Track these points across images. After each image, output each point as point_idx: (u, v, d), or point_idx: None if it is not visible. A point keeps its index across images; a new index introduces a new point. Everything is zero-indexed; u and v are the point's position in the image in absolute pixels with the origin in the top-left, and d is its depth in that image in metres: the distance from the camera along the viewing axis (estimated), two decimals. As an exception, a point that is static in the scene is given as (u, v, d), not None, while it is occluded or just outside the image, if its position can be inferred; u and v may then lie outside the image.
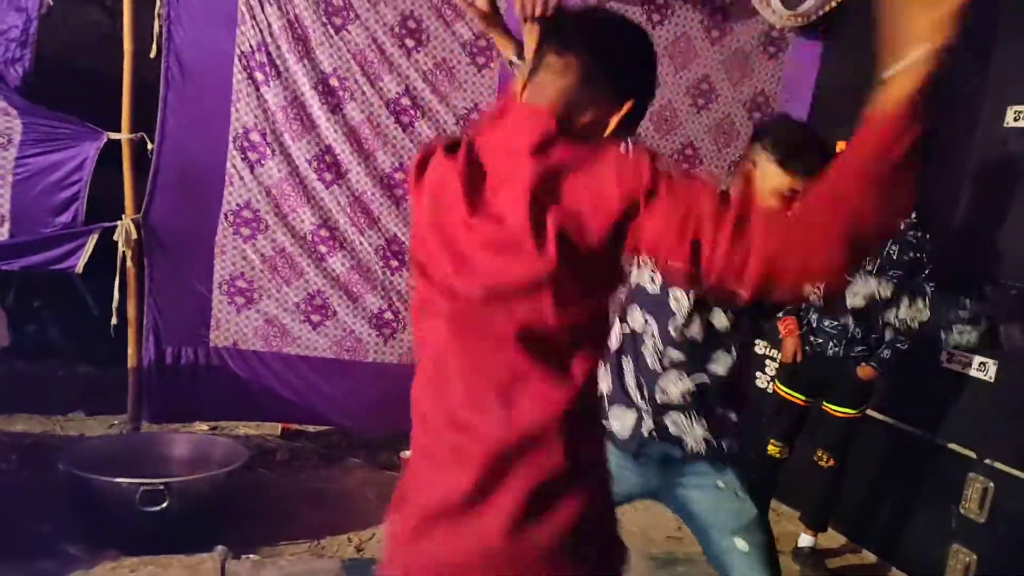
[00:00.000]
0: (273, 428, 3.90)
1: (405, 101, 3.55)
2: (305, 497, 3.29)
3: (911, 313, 2.78)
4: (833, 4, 3.75)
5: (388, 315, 3.65)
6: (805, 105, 3.93)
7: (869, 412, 3.14)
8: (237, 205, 3.43)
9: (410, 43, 3.51)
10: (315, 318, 3.56)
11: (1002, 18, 3.04)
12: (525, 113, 1.16)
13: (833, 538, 3.38)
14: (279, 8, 3.34)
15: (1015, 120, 2.94)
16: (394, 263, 3.62)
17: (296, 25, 3.37)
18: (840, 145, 3.58)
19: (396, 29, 3.48)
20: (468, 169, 1.14)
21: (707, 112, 3.94)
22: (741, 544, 1.84)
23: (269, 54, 3.36)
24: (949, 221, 3.11)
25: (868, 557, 3.29)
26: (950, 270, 2.90)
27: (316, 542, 2.96)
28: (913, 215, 2.90)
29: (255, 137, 3.41)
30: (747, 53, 3.93)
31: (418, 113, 3.57)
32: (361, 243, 3.56)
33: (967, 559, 2.82)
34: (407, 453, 3.72)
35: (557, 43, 1.18)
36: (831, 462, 3.10)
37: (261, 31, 3.34)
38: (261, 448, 3.69)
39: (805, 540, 3.21)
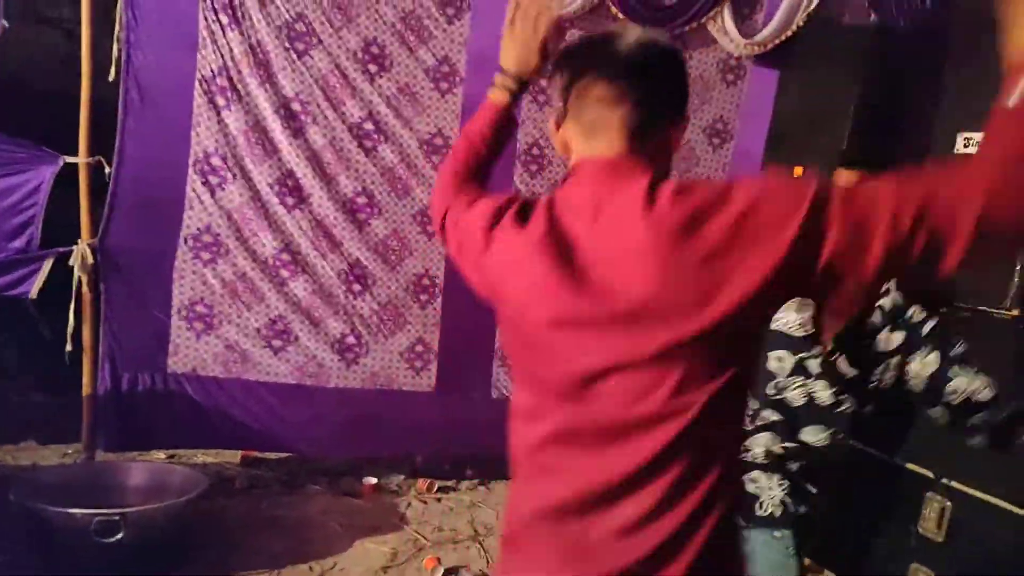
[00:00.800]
0: (232, 456, 3.84)
1: (368, 126, 3.55)
2: (265, 526, 3.23)
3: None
4: (788, 33, 3.84)
5: (350, 339, 3.62)
6: (763, 131, 4.00)
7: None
8: (197, 229, 3.40)
9: (373, 68, 3.52)
10: (276, 343, 3.52)
11: (951, 45, 3.13)
12: (609, 167, 1.08)
13: (796, 559, 3.39)
14: (241, 33, 3.33)
15: (964, 147, 3.01)
16: (356, 287, 3.60)
17: (258, 50, 3.36)
18: (797, 170, 3.65)
19: (359, 54, 3.49)
20: (556, 245, 1.08)
21: (668, 138, 4.00)
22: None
23: (230, 78, 3.35)
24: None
25: (830, 578, 3.32)
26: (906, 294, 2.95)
27: (276, 572, 2.91)
28: None
29: (216, 161, 3.38)
30: (706, 80, 4.01)
31: (381, 138, 3.57)
32: (323, 267, 3.54)
33: (926, 578, 2.85)
34: (371, 479, 3.68)
35: (602, 72, 1.09)
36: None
37: (222, 55, 3.33)
38: (220, 476, 3.62)
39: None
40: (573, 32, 3.73)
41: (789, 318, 1.96)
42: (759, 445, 1.89)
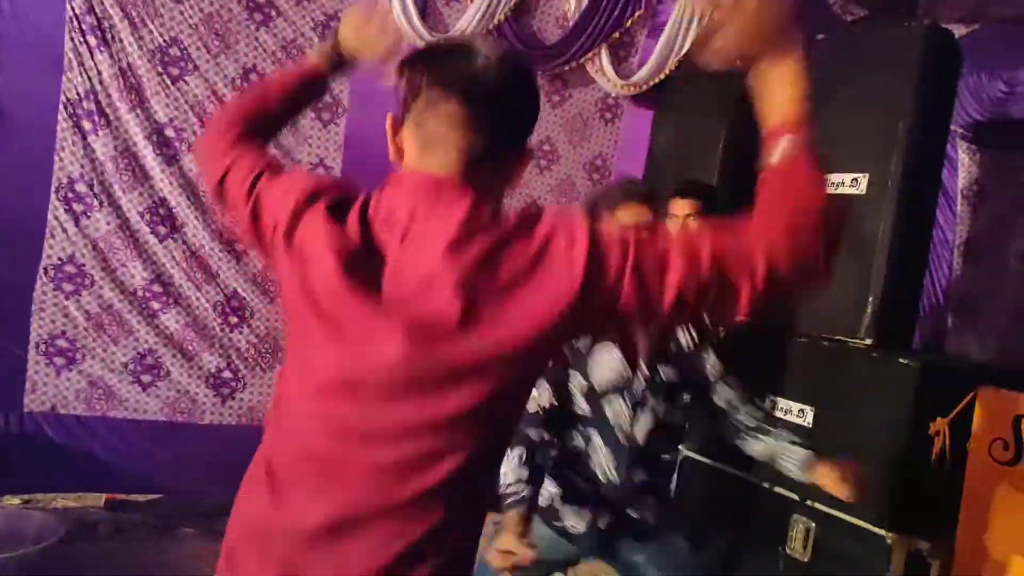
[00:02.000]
0: (96, 499, 3.61)
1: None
2: (132, 572, 3.05)
3: None
4: (662, 76, 4.02)
5: (227, 374, 3.49)
6: (639, 167, 4.16)
7: (698, 456, 3.30)
8: (59, 259, 3.21)
9: (252, 96, 3.45)
10: (145, 378, 3.36)
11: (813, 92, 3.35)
12: (435, 186, 1.03)
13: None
14: (111, 55, 3.20)
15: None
16: (233, 319, 3.49)
17: (129, 73, 3.24)
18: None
19: (237, 82, 3.42)
20: (359, 244, 1.03)
21: (549, 172, 4.09)
22: None
23: (98, 102, 3.21)
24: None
25: (706, 600, 3.41)
26: (766, 323, 3.11)
27: (142, 621, 2.75)
28: None
29: (81, 188, 3.22)
30: (585, 118, 4.13)
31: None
32: (198, 299, 3.41)
33: (794, 596, 2.98)
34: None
35: (454, 90, 1.02)
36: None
37: (90, 78, 3.18)
38: (82, 521, 3.39)
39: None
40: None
41: (613, 365, 2.09)
42: (635, 488, 2.13)
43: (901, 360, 2.75)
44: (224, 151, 1.26)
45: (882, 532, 2.68)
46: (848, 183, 3.14)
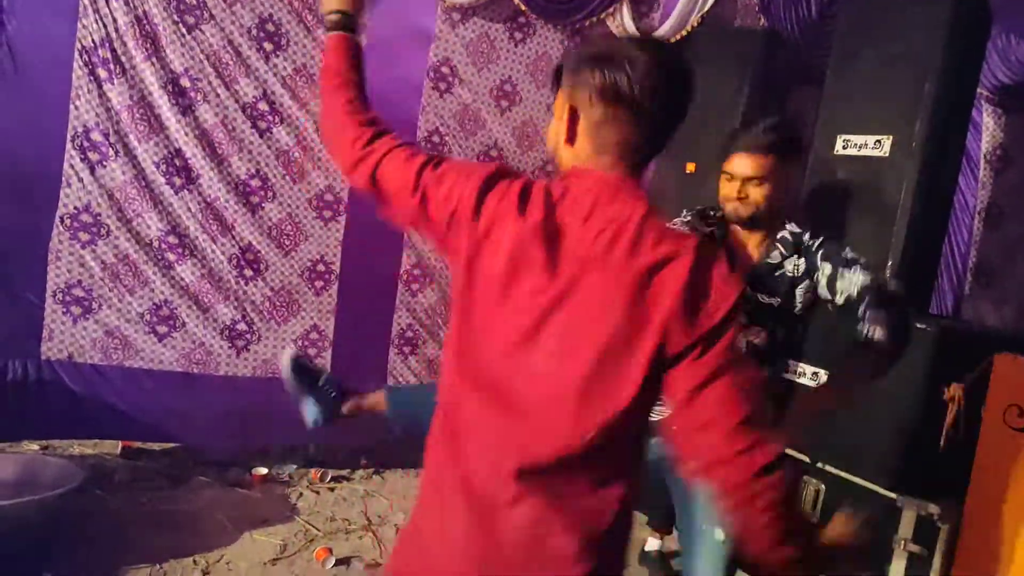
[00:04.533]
0: (112, 447, 3.66)
1: (263, 106, 3.44)
2: (147, 519, 3.10)
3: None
4: (683, 33, 3.94)
5: (241, 326, 3.51)
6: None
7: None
8: (75, 208, 3.21)
9: (268, 47, 3.42)
10: (161, 329, 3.38)
11: (834, 53, 3.29)
12: (613, 186, 1.19)
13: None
14: (126, 3, 3.16)
15: (843, 148, 3.17)
16: (248, 272, 3.49)
17: (144, 21, 3.21)
18: (690, 167, 3.77)
19: (253, 31, 3.38)
20: (547, 237, 1.17)
21: (567, 130, 4.04)
22: (719, 535, 2.02)
23: (114, 50, 3.18)
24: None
25: (713, 559, 3.45)
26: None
27: (158, 566, 2.79)
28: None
29: (96, 137, 3.20)
30: (605, 75, 4.07)
31: (276, 119, 3.47)
32: (213, 251, 3.41)
33: (801, 557, 3.00)
34: (261, 470, 3.58)
35: (630, 106, 1.17)
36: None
37: (105, 26, 3.15)
38: (98, 468, 3.45)
39: (652, 544, 3.32)
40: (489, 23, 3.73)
41: None
42: None
43: (918, 325, 2.73)
44: (361, 146, 1.36)
45: (892, 495, 2.69)
46: (871, 145, 3.09)
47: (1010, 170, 4.08)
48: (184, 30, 3.27)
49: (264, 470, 3.60)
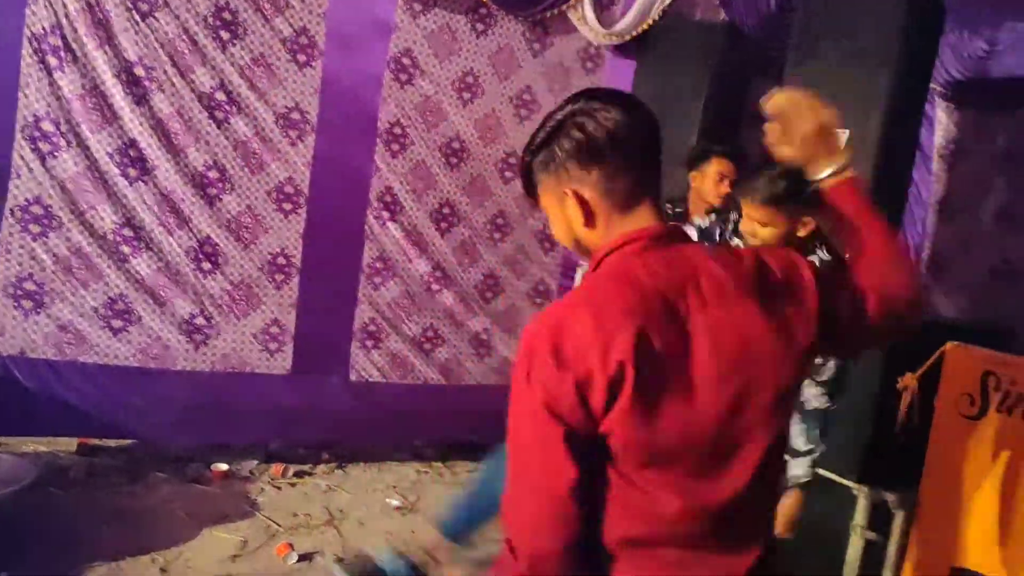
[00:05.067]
0: (68, 444, 3.58)
1: (220, 96, 3.38)
2: (103, 517, 3.04)
3: None
4: (645, 26, 3.96)
5: (200, 320, 3.45)
6: (620, 119, 4.12)
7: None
8: (26, 200, 3.13)
9: (225, 35, 3.36)
10: (116, 323, 3.31)
11: (793, 46, 3.33)
12: (667, 235, 1.17)
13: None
14: (76, -12, 3.09)
15: (802, 141, 3.21)
16: (206, 265, 3.44)
17: (96, 8, 3.13)
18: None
19: (210, 20, 3.31)
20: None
21: (529, 122, 4.04)
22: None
23: (64, 37, 3.10)
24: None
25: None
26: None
27: (115, 564, 2.74)
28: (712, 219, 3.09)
29: (47, 127, 3.12)
30: (566, 67, 4.07)
31: (234, 109, 3.42)
32: (170, 244, 3.35)
33: (760, 545, 3.05)
34: (221, 466, 3.53)
35: (630, 156, 1.16)
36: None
37: (55, 12, 3.07)
38: (53, 465, 3.37)
39: None
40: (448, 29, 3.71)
41: None
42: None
43: (874, 316, 2.77)
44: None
45: (849, 483, 2.74)
46: (828, 139, 3.14)
47: (962, 164, 4.17)
48: (138, 17, 3.20)
49: (224, 466, 3.55)
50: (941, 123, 4.19)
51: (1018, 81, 3.79)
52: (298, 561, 2.92)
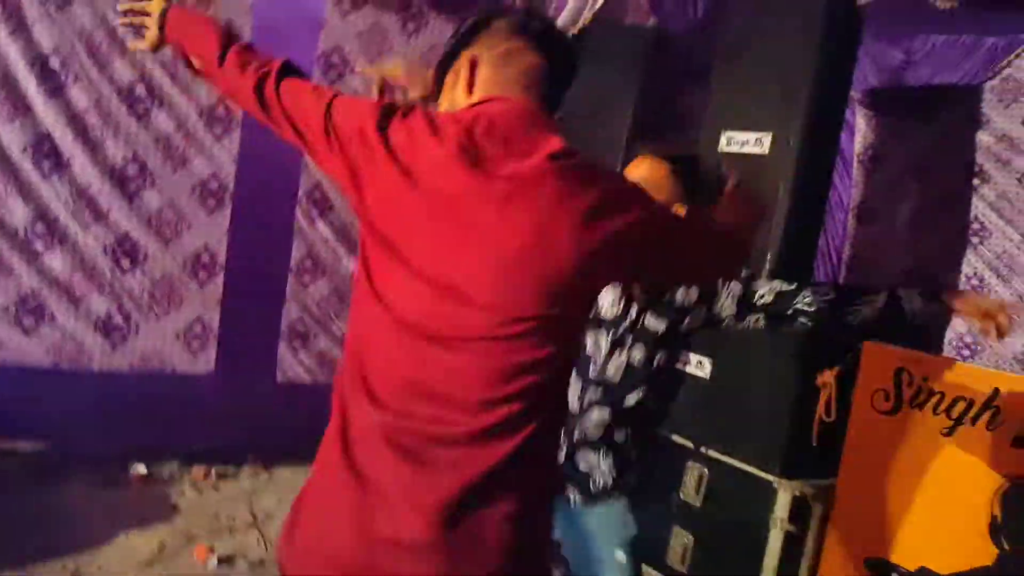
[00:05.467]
0: (-24, 447, 3.42)
1: (140, 89, 3.29)
2: (13, 522, 2.91)
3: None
4: (575, 29, 3.99)
5: (117, 319, 3.35)
6: (552, 121, 4.14)
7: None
8: (-70, 193, 3.00)
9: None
10: (28, 322, 3.19)
11: (720, 51, 3.40)
12: (527, 109, 1.23)
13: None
14: (-14, -26, 2.97)
15: (727, 145, 3.28)
16: (125, 263, 3.34)
17: (8, -3, 3.01)
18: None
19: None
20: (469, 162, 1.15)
21: (461, 122, 4.02)
22: (620, 556, 1.95)
23: (-28, 25, 2.97)
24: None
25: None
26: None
27: (24, 570, 2.63)
28: None
29: (-46, 117, 2.99)
30: (499, 67, 4.08)
31: (155, 103, 3.33)
32: (85, 240, 3.24)
33: (685, 540, 3.08)
34: (139, 468, 3.43)
35: (532, 40, 1.26)
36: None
37: (-37, -2, 2.95)
38: (-40, 471, 3.23)
39: None
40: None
41: (604, 300, 2.04)
42: (591, 422, 1.96)
43: (794, 314, 2.84)
44: (263, 69, 1.32)
45: (769, 477, 2.80)
46: (752, 142, 3.20)
47: (880, 170, 4.31)
48: (53, 8, 3.09)
49: (143, 468, 3.45)
50: (860, 130, 4.33)
51: (933, 90, 3.94)
52: (218, 565, 2.84)
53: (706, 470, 3.06)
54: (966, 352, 3.86)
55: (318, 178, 3.71)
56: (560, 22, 3.95)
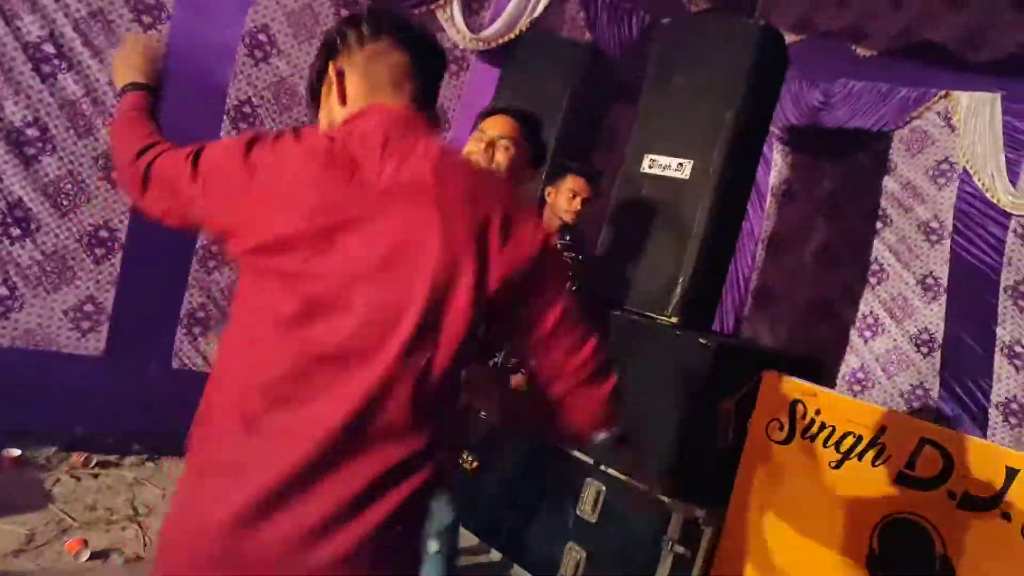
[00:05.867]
0: None
1: (48, 48, 3.09)
2: None
3: None
4: (512, 35, 3.98)
5: (2, 290, 3.14)
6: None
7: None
8: None
9: (61, -16, 3.08)
10: (-101, 287, 2.95)
11: (649, 76, 3.44)
12: (402, 116, 1.24)
13: (466, 538, 3.53)
14: None
15: (649, 167, 3.32)
16: (15, 231, 3.13)
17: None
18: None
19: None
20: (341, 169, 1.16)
21: (387, 117, 3.95)
22: (432, 545, 1.88)
23: None
24: (593, 250, 3.44)
25: (495, 556, 3.49)
26: (591, 295, 3.19)
27: None
28: (567, 238, 3.14)
29: None
30: (430, 66, 4.03)
31: (64, 65, 3.14)
32: (-28, 204, 3.03)
33: (578, 556, 3.10)
34: (13, 451, 3.22)
35: (398, 39, 1.27)
36: (475, 464, 3.23)
37: None
38: None
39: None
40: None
41: None
42: None
43: (700, 340, 2.90)
44: (149, 142, 1.36)
45: (664, 499, 2.84)
46: (674, 167, 3.25)
47: (792, 204, 4.46)
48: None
49: (16, 451, 3.23)
50: (776, 164, 4.47)
51: (847, 133, 4.10)
52: (90, 559, 2.69)
53: (604, 487, 3.08)
54: (858, 387, 4.03)
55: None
56: (497, 27, 3.94)
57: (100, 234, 3.32)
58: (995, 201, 3.56)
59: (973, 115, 3.66)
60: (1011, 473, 2.24)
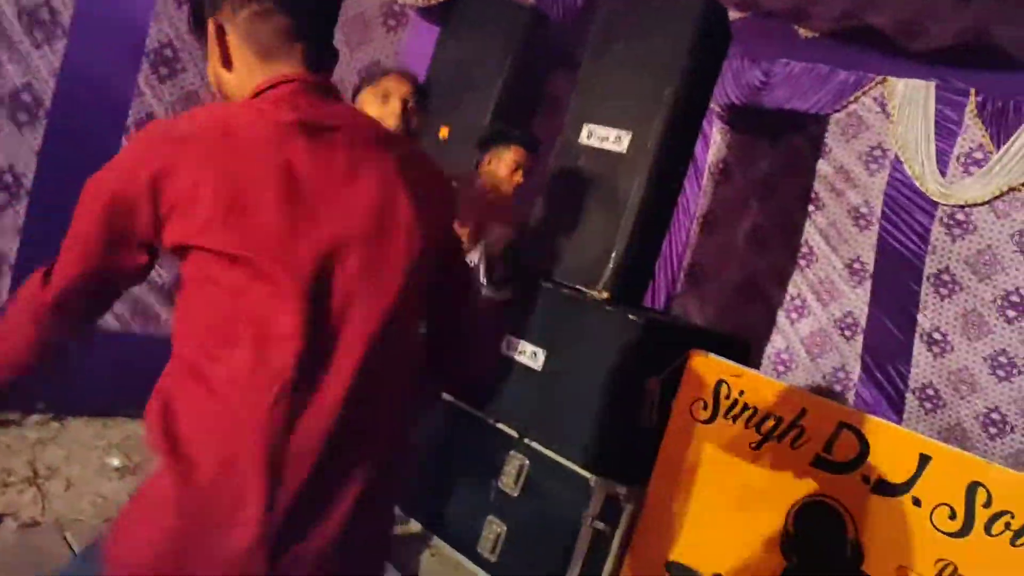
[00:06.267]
0: None
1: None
2: None
3: None
4: (455, -7, 3.85)
5: None
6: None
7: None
8: None
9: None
10: None
11: (590, 44, 3.36)
12: (312, 83, 1.20)
13: (387, 509, 3.47)
14: None
15: (588, 138, 3.25)
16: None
17: None
18: (443, 131, 3.68)
19: None
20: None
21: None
22: None
23: None
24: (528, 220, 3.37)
25: (415, 527, 3.45)
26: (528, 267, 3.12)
27: None
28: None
29: None
30: (367, 20, 3.87)
31: None
32: None
33: (499, 529, 3.07)
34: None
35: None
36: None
37: None
38: None
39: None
40: None
41: None
42: None
43: (630, 316, 2.87)
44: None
45: (587, 474, 2.82)
46: (612, 139, 3.19)
47: (728, 183, 4.46)
48: None
49: (-94, 408, 3.04)
50: (715, 142, 4.46)
51: (785, 113, 4.10)
52: (-18, 524, 2.55)
53: (527, 461, 3.05)
54: (782, 368, 4.08)
55: (152, 108, 3.38)
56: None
57: (4, 179, 3.10)
58: (924, 190, 3.61)
59: (908, 103, 3.69)
60: (924, 460, 2.28)
